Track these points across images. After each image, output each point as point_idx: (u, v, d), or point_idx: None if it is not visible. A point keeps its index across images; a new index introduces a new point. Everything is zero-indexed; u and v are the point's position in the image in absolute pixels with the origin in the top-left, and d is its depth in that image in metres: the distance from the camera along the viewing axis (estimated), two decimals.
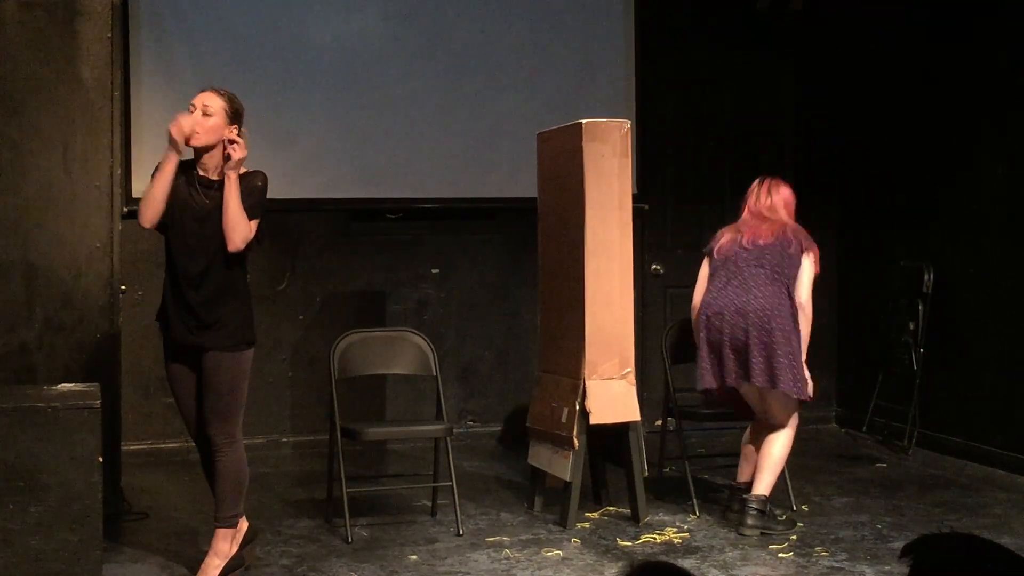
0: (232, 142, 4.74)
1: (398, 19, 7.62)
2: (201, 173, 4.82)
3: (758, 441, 5.73)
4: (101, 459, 4.63)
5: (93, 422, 4.59)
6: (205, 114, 4.75)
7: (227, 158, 4.74)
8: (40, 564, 4.49)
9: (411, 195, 7.65)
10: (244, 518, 5.02)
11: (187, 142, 4.76)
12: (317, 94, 7.47)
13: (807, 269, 5.60)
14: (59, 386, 5.10)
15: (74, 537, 4.53)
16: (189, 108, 4.79)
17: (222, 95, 4.81)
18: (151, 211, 4.76)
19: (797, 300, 5.54)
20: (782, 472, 5.77)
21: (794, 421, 5.66)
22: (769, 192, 5.84)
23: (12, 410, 4.53)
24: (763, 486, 5.60)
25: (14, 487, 4.49)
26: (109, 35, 5.90)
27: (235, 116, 4.81)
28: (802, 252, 5.61)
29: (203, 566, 4.91)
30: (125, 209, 6.60)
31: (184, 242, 4.79)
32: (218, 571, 4.90)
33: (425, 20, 7.65)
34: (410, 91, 7.60)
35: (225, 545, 4.91)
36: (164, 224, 4.81)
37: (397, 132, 7.58)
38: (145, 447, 7.23)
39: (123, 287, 6.17)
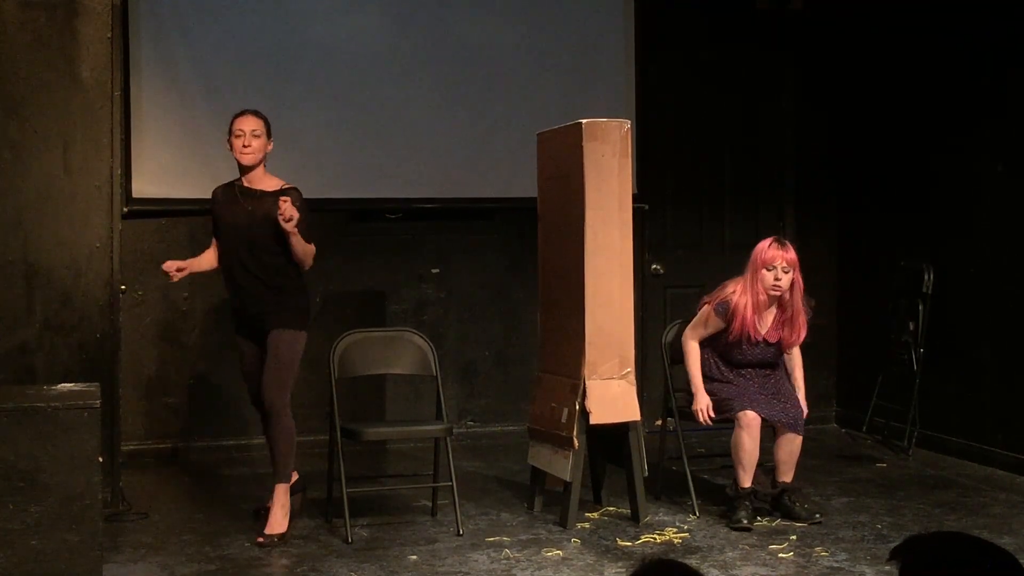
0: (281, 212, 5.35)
1: (398, 19, 7.62)
2: (246, 184, 5.60)
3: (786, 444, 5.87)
4: (101, 459, 4.64)
5: (93, 422, 4.59)
6: (255, 136, 5.54)
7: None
8: (40, 564, 4.49)
9: (411, 195, 7.65)
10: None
11: (242, 161, 5.56)
12: (317, 94, 7.46)
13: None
14: (59, 386, 5.10)
15: (74, 537, 4.53)
16: (236, 133, 5.54)
17: (259, 116, 5.61)
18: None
19: None
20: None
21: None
22: None
23: (12, 410, 4.53)
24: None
25: (14, 487, 4.49)
26: (109, 35, 5.91)
27: (269, 129, 5.63)
28: None
29: (270, 517, 5.47)
30: (125, 209, 6.61)
31: (232, 244, 5.60)
32: (287, 519, 5.52)
33: (425, 20, 7.64)
34: (410, 91, 7.59)
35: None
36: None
37: (397, 132, 7.57)
38: (145, 447, 7.23)
39: (123, 287, 6.17)
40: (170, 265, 5.59)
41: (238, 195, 5.61)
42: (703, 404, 5.83)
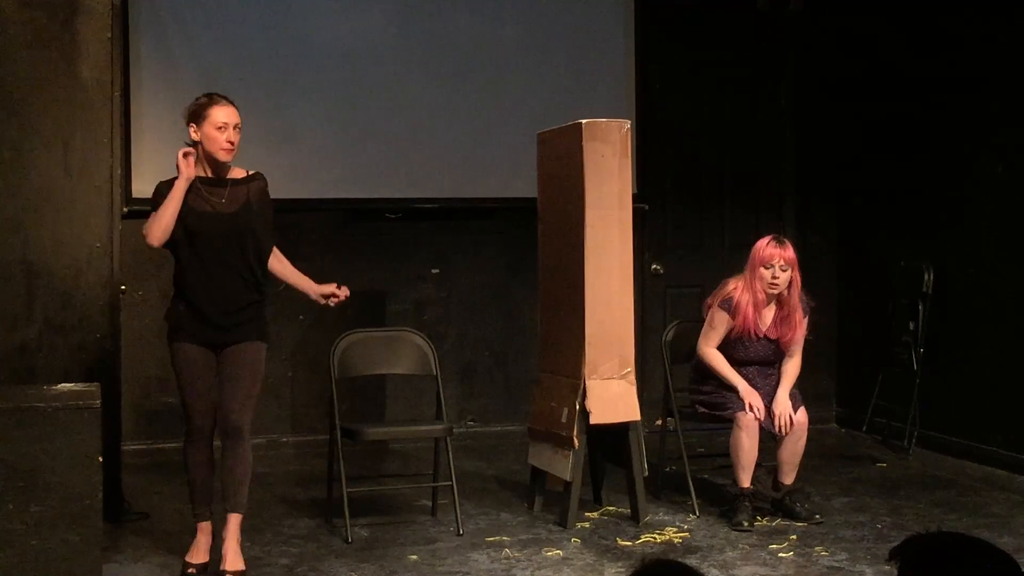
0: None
1: (398, 19, 7.62)
2: (210, 175, 5.08)
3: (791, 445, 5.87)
4: (101, 459, 4.63)
5: (93, 422, 4.58)
6: (237, 131, 5.04)
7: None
8: (40, 564, 4.49)
9: (410, 195, 7.65)
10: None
11: (221, 158, 5.04)
12: (317, 94, 7.47)
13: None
14: (59, 386, 5.10)
15: (74, 537, 4.53)
16: (219, 125, 5.00)
17: (236, 106, 5.10)
18: (164, 232, 5.00)
19: None
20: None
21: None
22: None
23: (12, 410, 4.53)
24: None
25: (14, 487, 4.49)
26: (109, 35, 5.90)
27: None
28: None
29: (228, 552, 5.07)
30: (125, 209, 6.60)
31: (203, 241, 5.02)
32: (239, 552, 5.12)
33: (425, 20, 7.65)
34: (410, 91, 7.60)
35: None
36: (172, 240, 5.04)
37: (397, 132, 7.58)
38: (145, 447, 7.22)
39: (123, 287, 6.17)
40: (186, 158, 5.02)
41: (199, 186, 5.04)
42: (758, 403, 5.74)
